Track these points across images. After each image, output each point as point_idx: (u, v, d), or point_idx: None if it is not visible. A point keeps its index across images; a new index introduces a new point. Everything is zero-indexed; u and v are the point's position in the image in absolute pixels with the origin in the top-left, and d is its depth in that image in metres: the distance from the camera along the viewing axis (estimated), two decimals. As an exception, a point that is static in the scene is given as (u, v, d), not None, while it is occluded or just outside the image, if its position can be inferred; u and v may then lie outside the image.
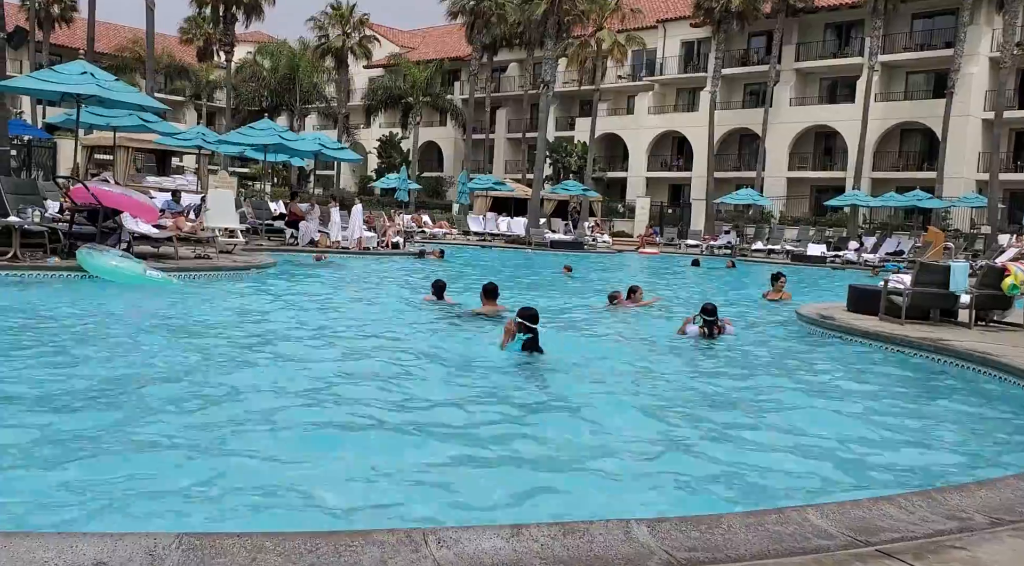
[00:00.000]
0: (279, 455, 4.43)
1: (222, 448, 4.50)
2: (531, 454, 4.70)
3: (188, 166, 37.73)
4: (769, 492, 4.30)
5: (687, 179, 45.78)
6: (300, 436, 4.80)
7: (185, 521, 3.45)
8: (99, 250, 11.42)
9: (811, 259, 29.59)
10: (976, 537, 3.12)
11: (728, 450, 4.98)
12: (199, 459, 4.27)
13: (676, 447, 5.04)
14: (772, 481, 4.48)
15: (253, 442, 4.63)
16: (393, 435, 4.92)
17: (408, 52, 57.39)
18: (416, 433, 4.97)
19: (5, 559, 2.42)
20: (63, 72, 13.85)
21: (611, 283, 15.87)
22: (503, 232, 34.99)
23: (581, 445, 4.96)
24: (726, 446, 5.08)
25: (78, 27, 47.71)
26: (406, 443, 4.76)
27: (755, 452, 4.98)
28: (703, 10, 40.30)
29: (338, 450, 4.59)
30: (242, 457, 4.35)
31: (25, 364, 6.27)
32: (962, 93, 35.26)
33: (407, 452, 4.58)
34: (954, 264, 10.40)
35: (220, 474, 4.06)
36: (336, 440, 4.76)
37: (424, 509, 3.76)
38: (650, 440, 5.15)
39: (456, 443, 4.84)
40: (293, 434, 4.82)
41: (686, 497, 4.19)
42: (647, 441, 5.13)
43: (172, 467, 4.13)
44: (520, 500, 3.96)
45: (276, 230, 21.71)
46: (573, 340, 9.31)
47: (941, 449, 5.42)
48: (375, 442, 4.79)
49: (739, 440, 5.24)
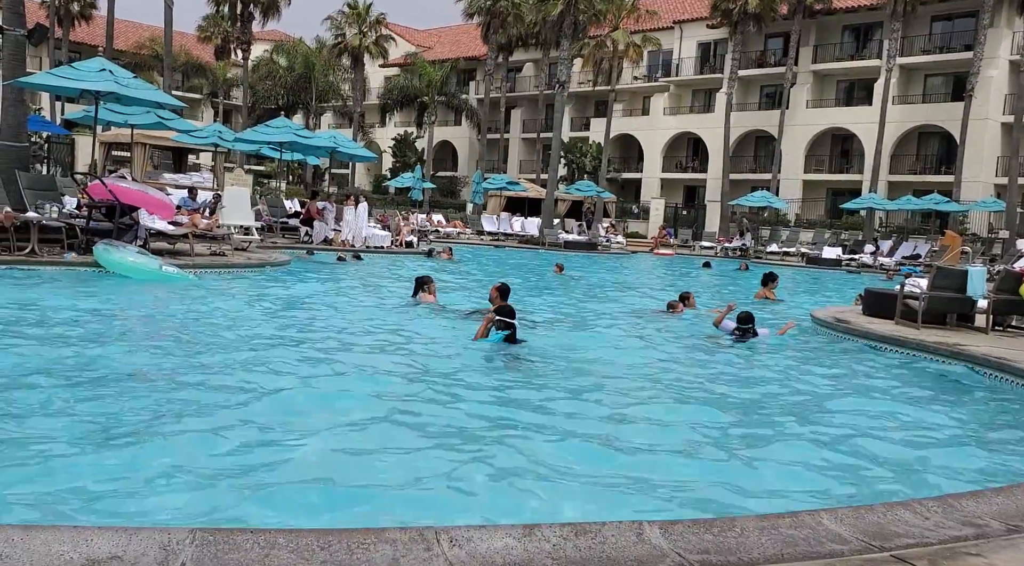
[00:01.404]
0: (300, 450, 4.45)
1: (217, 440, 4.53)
2: (546, 454, 4.70)
3: (204, 164, 37.93)
4: (780, 495, 4.27)
5: (702, 180, 45.62)
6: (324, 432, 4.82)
7: (200, 515, 3.48)
8: (116, 246, 11.50)
9: (826, 262, 29.42)
10: (992, 544, 3.09)
11: (739, 452, 4.96)
12: (199, 455, 4.30)
13: (687, 448, 5.03)
14: (780, 484, 4.46)
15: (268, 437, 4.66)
16: (414, 434, 4.94)
17: (424, 51, 57.46)
18: (435, 433, 4.99)
19: (21, 551, 2.44)
20: (82, 69, 13.94)
21: (618, 284, 15.83)
22: (516, 232, 34.99)
23: (599, 446, 4.96)
24: (737, 448, 5.06)
25: (97, 24, 48.10)
26: (426, 442, 4.78)
27: (761, 453, 4.96)
28: (720, 11, 40.15)
29: (360, 446, 4.62)
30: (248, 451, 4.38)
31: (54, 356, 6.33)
32: (981, 96, 34.93)
33: (429, 450, 4.60)
34: (972, 269, 10.31)
35: (222, 470, 4.08)
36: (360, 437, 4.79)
37: (436, 507, 3.76)
38: (661, 440, 5.14)
39: (463, 442, 4.84)
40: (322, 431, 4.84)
41: (696, 499, 4.18)
42: (659, 441, 5.11)
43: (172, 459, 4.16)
44: (529, 500, 3.96)
45: (291, 228, 21.80)
46: (600, 340, 9.35)
47: (955, 455, 5.37)
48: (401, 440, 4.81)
49: (749, 442, 5.21)
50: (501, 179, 39.31)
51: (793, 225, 39.10)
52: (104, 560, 2.44)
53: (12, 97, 14.13)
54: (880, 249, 31.03)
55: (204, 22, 50.72)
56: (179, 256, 13.26)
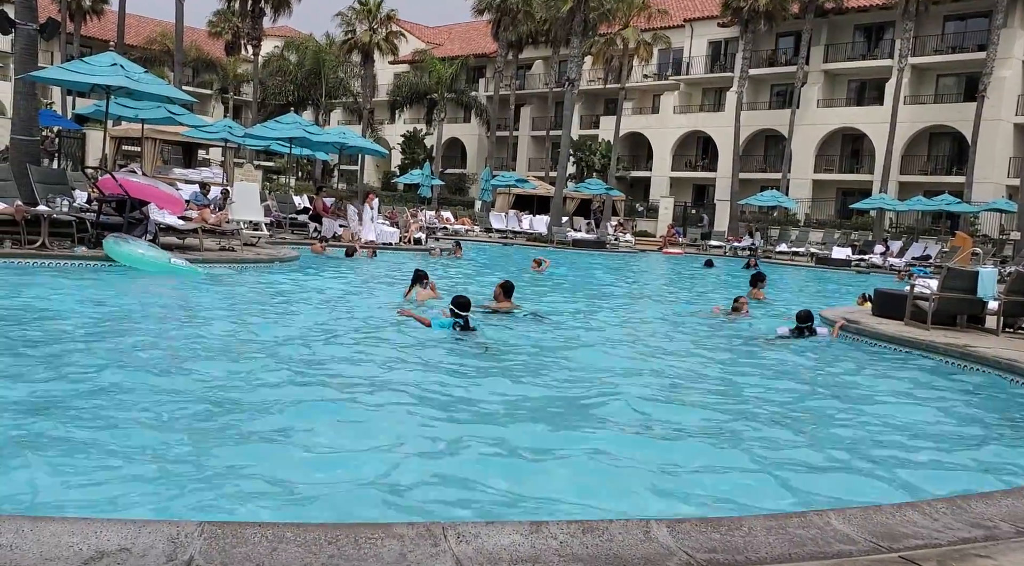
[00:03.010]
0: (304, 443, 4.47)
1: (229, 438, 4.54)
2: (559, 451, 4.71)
3: (214, 159, 38.02)
4: (785, 495, 4.26)
5: (711, 179, 45.50)
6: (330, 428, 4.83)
7: (209, 509, 3.49)
8: (126, 239, 11.56)
9: (835, 262, 29.31)
10: (1002, 546, 3.08)
11: (746, 452, 4.95)
12: (199, 451, 4.31)
13: (696, 447, 5.02)
14: (785, 484, 4.44)
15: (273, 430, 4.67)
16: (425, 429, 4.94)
17: (434, 48, 57.45)
18: (449, 427, 5.00)
19: (32, 542, 2.45)
20: (93, 64, 13.99)
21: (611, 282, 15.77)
22: (525, 230, 34.97)
23: (623, 439, 4.95)
24: (746, 448, 5.05)
25: (108, 19, 48.28)
26: (441, 435, 4.79)
27: (766, 455, 4.94)
28: (731, 10, 40.01)
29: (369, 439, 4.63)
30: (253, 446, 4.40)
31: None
32: (994, 97, 34.71)
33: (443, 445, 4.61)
34: (982, 270, 10.25)
35: (232, 466, 4.10)
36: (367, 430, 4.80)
37: (444, 502, 3.77)
38: (673, 440, 5.14)
39: (471, 438, 4.85)
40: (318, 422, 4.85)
41: (705, 499, 4.17)
42: (671, 441, 5.11)
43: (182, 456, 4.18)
44: (540, 493, 3.96)
45: (300, 224, 21.84)
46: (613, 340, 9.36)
47: (964, 456, 5.34)
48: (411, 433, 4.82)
49: (756, 443, 5.20)
50: (510, 176, 39.28)
51: (803, 225, 38.97)
52: (113, 552, 2.45)
53: (24, 91, 14.20)
54: (890, 250, 30.90)
55: (215, 17, 50.89)
56: (188, 250, 13.31)
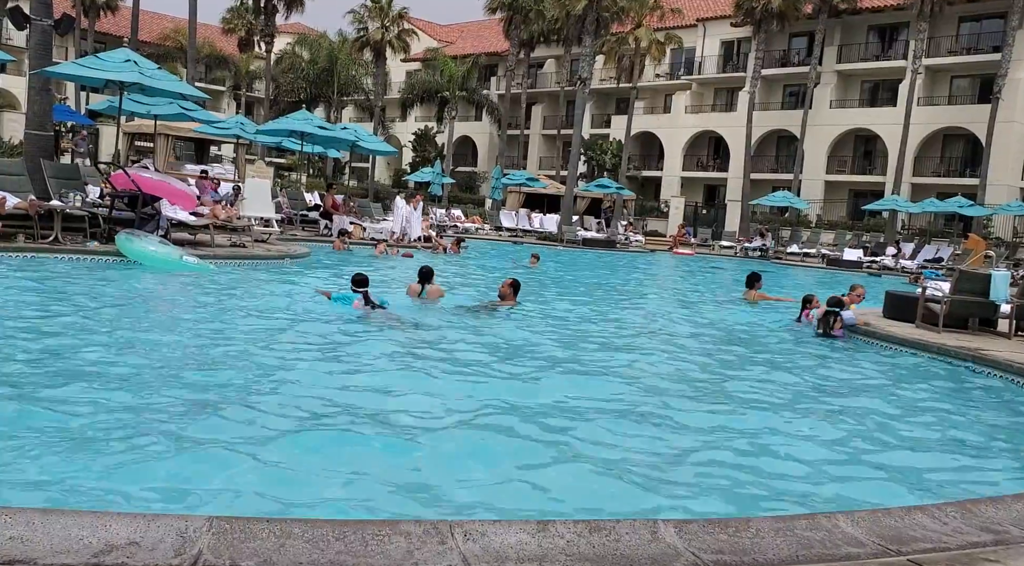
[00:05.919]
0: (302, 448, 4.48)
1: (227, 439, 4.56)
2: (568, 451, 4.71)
3: (226, 155, 38.17)
4: (792, 496, 4.24)
5: (723, 179, 45.37)
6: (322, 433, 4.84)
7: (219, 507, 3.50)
8: (137, 235, 11.62)
9: (847, 264, 29.17)
10: (1012, 550, 3.06)
11: (751, 452, 4.94)
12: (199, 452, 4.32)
13: (701, 448, 5.01)
14: (792, 485, 4.43)
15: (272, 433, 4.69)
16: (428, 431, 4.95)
17: (445, 47, 57.50)
18: (454, 426, 5.00)
19: (42, 535, 2.47)
20: (107, 59, 14.06)
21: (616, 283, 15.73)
22: (535, 228, 34.96)
23: (621, 441, 4.95)
24: (752, 448, 5.04)
25: (123, 16, 48.54)
26: (446, 436, 4.79)
27: (773, 455, 4.93)
28: (743, 9, 39.86)
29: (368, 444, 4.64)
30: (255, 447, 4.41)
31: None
32: (1008, 98, 34.45)
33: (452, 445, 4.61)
34: (995, 273, 10.20)
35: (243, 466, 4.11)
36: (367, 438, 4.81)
37: (454, 500, 3.78)
38: (676, 441, 5.13)
39: (475, 436, 4.85)
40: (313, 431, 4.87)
41: (709, 499, 4.16)
42: (674, 441, 5.10)
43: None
44: (546, 492, 3.96)
45: (311, 221, 21.90)
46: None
47: (975, 460, 5.31)
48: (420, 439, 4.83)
49: (762, 442, 5.19)
50: (521, 175, 39.26)
51: (814, 226, 38.81)
52: (122, 546, 2.47)
53: (38, 86, 14.28)
54: (902, 251, 30.74)
55: (228, 14, 51.06)
56: (200, 247, 13.36)
